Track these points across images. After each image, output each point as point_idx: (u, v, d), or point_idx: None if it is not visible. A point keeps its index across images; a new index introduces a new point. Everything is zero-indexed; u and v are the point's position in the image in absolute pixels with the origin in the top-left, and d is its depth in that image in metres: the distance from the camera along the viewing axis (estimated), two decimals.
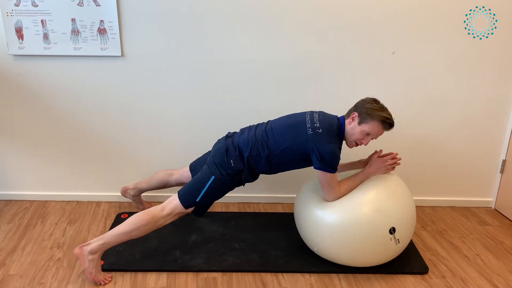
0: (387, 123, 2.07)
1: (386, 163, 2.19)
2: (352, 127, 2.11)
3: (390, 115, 2.09)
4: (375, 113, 2.06)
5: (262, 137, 2.15)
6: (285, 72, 2.63)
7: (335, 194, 2.11)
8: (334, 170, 2.06)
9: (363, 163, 2.30)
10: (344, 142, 2.19)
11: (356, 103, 2.16)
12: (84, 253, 1.99)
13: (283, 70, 2.63)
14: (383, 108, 2.09)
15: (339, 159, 2.08)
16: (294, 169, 2.21)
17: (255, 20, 2.52)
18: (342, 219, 2.07)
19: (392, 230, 2.06)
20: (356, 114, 2.10)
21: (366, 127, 2.09)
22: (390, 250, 2.12)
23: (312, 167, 2.16)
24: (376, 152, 2.26)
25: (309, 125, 2.09)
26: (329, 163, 2.03)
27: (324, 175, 2.07)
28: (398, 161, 2.22)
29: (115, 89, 2.62)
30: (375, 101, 2.12)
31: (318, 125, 2.08)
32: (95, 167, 2.80)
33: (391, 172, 2.26)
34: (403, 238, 2.12)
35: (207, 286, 2.06)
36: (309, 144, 2.05)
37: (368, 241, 2.05)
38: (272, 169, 2.20)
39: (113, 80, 2.60)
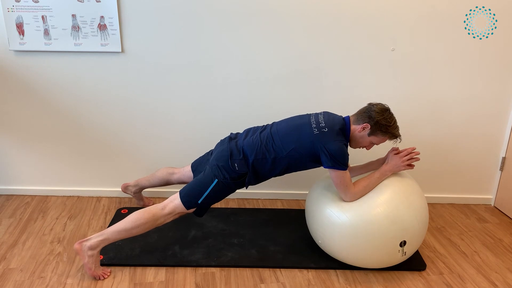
0: (396, 138, 2.13)
1: (403, 159, 2.13)
2: (361, 136, 2.12)
3: (399, 130, 2.13)
4: (388, 130, 2.09)
5: (268, 140, 2.14)
6: (286, 70, 2.63)
7: (351, 193, 2.07)
8: (345, 167, 2.05)
9: (381, 162, 2.21)
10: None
11: (369, 112, 2.09)
12: (83, 248, 2.01)
13: (284, 68, 2.63)
14: (395, 123, 2.10)
15: (348, 155, 2.07)
16: (302, 170, 2.21)
17: (255, 19, 2.52)
18: (356, 220, 2.02)
19: (403, 244, 2.05)
20: (368, 126, 2.08)
21: (374, 139, 2.12)
22: (394, 260, 2.11)
23: (318, 167, 2.18)
24: (393, 149, 2.20)
25: (314, 126, 2.09)
26: (339, 160, 2.03)
27: (336, 173, 2.05)
28: (415, 156, 2.14)
29: (116, 85, 2.63)
30: (388, 114, 2.09)
31: (323, 124, 2.08)
32: (95, 162, 2.81)
33: (412, 178, 2.21)
34: (410, 251, 2.11)
35: (206, 281, 2.08)
36: (316, 144, 2.06)
37: (376, 247, 2.03)
38: (280, 172, 2.18)
39: (113, 76, 2.61)
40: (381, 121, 2.07)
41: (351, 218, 2.03)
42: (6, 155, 2.78)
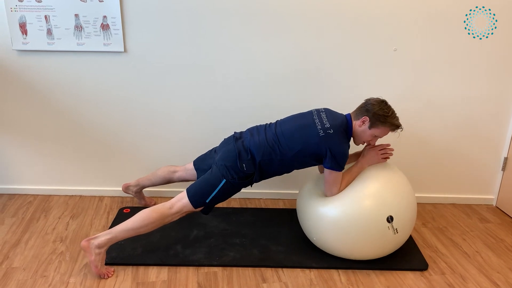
0: (397, 128, 2.16)
1: (378, 152, 2.22)
2: (363, 130, 2.16)
3: (398, 120, 2.16)
4: (387, 120, 2.12)
5: (274, 141, 2.16)
6: (286, 70, 2.64)
7: (337, 190, 2.16)
8: (342, 169, 2.12)
9: (358, 155, 2.33)
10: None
11: (366, 106, 2.14)
12: (91, 246, 2.02)
13: (284, 67, 2.63)
14: (393, 113, 2.14)
15: (348, 157, 2.14)
16: (303, 168, 2.26)
17: (257, 18, 2.52)
18: (341, 210, 2.11)
19: (390, 219, 2.08)
20: (367, 118, 2.13)
21: (376, 131, 2.15)
22: (388, 241, 2.13)
23: (318, 165, 2.26)
24: (368, 145, 2.27)
25: (319, 127, 2.11)
26: (340, 163, 2.10)
27: (332, 173, 2.12)
28: (389, 152, 2.24)
29: (118, 85, 2.64)
30: (385, 105, 2.14)
31: (328, 125, 2.11)
32: (98, 162, 2.82)
33: (393, 165, 2.30)
34: (402, 228, 2.14)
35: (208, 281, 2.08)
36: (322, 146, 2.10)
37: (365, 230, 2.08)
38: (284, 171, 2.23)
39: (115, 76, 2.61)
40: (378, 112, 2.10)
41: (338, 209, 2.12)
42: (9, 155, 2.78)
